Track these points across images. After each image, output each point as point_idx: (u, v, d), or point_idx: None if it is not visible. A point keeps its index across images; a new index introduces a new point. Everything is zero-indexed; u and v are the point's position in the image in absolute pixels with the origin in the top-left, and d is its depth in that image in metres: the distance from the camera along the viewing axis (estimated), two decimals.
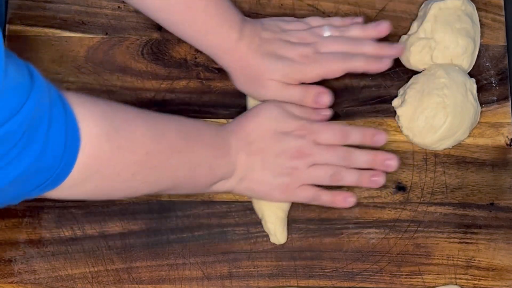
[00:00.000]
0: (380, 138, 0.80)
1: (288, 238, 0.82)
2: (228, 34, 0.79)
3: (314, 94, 0.81)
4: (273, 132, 0.79)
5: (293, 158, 0.78)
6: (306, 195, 0.80)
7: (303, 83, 0.81)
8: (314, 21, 0.84)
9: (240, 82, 0.82)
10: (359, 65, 0.81)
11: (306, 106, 0.81)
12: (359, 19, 0.84)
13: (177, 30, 0.81)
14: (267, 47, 0.81)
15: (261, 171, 0.78)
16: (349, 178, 0.79)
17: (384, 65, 0.81)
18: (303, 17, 0.88)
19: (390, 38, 0.88)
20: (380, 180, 0.80)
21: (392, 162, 0.80)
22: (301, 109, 0.81)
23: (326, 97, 0.81)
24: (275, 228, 0.80)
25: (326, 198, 0.80)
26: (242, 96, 0.85)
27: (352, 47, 0.81)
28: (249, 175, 0.78)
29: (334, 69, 0.81)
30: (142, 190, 0.74)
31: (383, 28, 0.83)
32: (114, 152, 0.67)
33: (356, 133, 0.80)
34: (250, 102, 0.84)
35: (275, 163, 0.78)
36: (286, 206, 0.81)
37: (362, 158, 0.80)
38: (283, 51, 0.80)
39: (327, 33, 0.82)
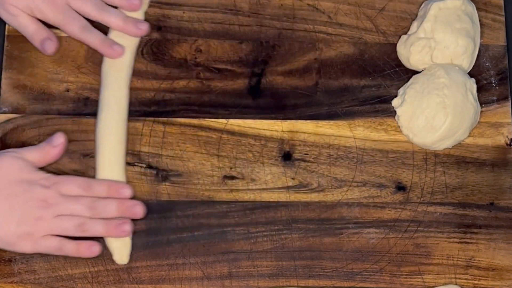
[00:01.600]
0: (126, 192, 0.80)
1: (288, 238, 0.82)
2: None
3: (41, 39, 0.84)
4: (19, 181, 0.78)
5: (38, 207, 0.78)
6: (50, 245, 0.78)
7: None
8: None
9: None
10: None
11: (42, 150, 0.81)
12: None
13: None
14: None
15: (6, 219, 0.77)
16: (95, 228, 0.79)
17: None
18: (304, 18, 0.88)
19: (390, 38, 0.88)
20: (127, 227, 0.79)
21: (138, 209, 0.80)
22: (39, 154, 0.81)
23: (52, 45, 0.84)
24: (118, 247, 0.80)
25: (70, 247, 0.79)
26: (242, 96, 0.85)
27: (99, 13, 0.84)
28: None
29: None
30: None
31: (134, 1, 0.85)
32: None
33: (100, 186, 0.80)
34: None
35: (21, 211, 0.77)
36: None
37: (109, 207, 0.79)
38: None
39: None
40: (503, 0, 0.90)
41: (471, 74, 0.86)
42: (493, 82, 0.87)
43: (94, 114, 0.84)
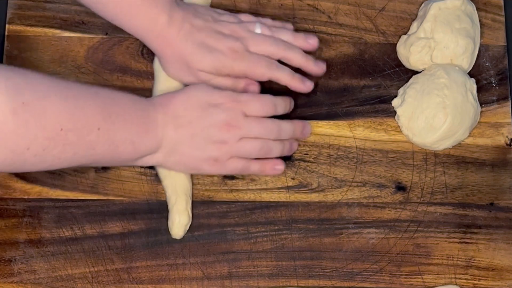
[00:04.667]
0: (307, 130, 0.84)
1: (288, 238, 0.82)
2: (156, 17, 0.79)
3: (244, 84, 0.82)
4: (201, 104, 0.78)
5: (222, 130, 0.78)
6: (236, 167, 0.80)
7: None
8: (246, 17, 0.85)
9: (171, 68, 0.82)
10: (283, 78, 0.83)
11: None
12: (290, 26, 0.86)
13: (104, 11, 0.80)
14: (197, 35, 0.80)
15: (189, 144, 0.77)
16: (276, 150, 0.81)
17: (305, 88, 0.83)
18: (304, 18, 0.88)
19: (390, 38, 0.88)
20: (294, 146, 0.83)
21: (307, 130, 0.83)
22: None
23: (255, 87, 0.83)
24: (178, 221, 0.81)
25: (256, 168, 0.81)
26: None
27: (281, 50, 0.82)
28: (178, 149, 0.78)
29: (259, 73, 0.82)
30: (58, 165, 0.72)
31: (312, 42, 0.84)
32: (20, 127, 0.66)
33: (281, 103, 0.81)
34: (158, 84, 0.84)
35: (204, 136, 0.78)
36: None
37: (288, 128, 0.81)
38: (214, 42, 0.81)
39: (258, 30, 0.83)
40: (503, 0, 0.90)
41: (471, 74, 0.86)
42: (493, 82, 0.87)
43: None
